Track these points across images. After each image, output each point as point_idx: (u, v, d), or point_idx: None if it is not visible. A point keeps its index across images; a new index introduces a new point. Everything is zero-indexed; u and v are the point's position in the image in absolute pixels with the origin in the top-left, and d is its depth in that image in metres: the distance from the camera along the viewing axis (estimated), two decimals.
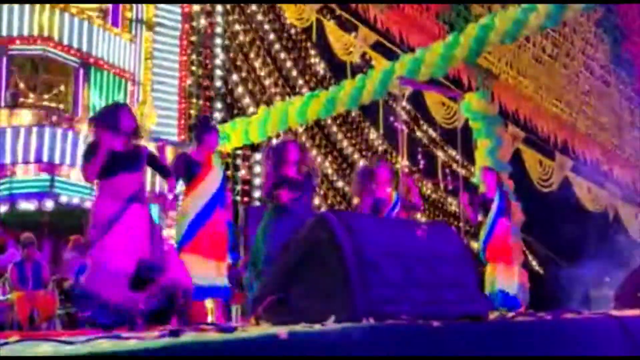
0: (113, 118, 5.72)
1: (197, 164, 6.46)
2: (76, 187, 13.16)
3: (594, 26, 13.23)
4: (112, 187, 5.62)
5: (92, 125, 5.87)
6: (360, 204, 8.37)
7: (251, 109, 19.35)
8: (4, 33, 14.81)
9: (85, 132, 13.44)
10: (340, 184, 21.74)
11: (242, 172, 19.59)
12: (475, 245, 12.34)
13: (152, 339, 3.05)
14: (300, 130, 19.55)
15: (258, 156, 19.01)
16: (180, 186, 6.78)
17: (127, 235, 5.51)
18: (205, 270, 6.22)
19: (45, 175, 13.04)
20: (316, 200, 20.80)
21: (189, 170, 6.45)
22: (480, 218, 8.97)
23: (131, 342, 2.90)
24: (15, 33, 14.84)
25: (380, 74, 12.21)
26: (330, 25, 16.09)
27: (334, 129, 22.03)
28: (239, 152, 19.23)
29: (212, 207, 6.35)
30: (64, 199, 12.92)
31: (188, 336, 3.03)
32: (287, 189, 6.60)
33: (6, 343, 2.98)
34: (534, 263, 21.13)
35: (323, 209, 18.84)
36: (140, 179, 5.79)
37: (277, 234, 6.32)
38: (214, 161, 6.54)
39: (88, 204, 13.03)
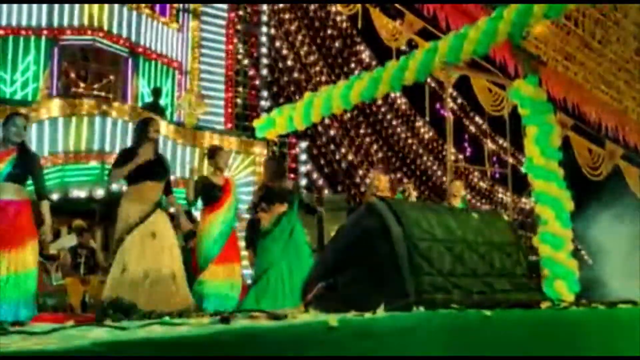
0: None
1: (216, 187, 7.20)
2: None
3: None
4: (138, 192, 6.10)
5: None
6: None
7: (297, 97, 19.35)
8: (56, 24, 15.09)
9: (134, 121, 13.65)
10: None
11: (287, 161, 19.63)
12: None
13: (203, 325, 3.08)
14: (347, 117, 19.56)
15: (304, 144, 19.03)
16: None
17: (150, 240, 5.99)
18: (232, 274, 7.17)
19: (96, 164, 13.26)
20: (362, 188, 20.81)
21: (207, 192, 7.21)
22: None
23: (183, 328, 2.94)
24: (66, 24, 15.10)
25: (423, 54, 12.03)
26: (376, 12, 15.99)
27: (379, 116, 21.97)
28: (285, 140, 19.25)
29: (231, 228, 7.22)
30: (114, 186, 13.10)
31: (239, 323, 3.06)
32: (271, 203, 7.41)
33: (63, 327, 3.04)
34: (583, 252, 20.80)
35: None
36: (161, 187, 6.30)
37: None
38: (231, 185, 7.24)
39: None
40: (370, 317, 3.08)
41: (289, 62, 20.36)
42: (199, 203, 7.45)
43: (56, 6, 15.08)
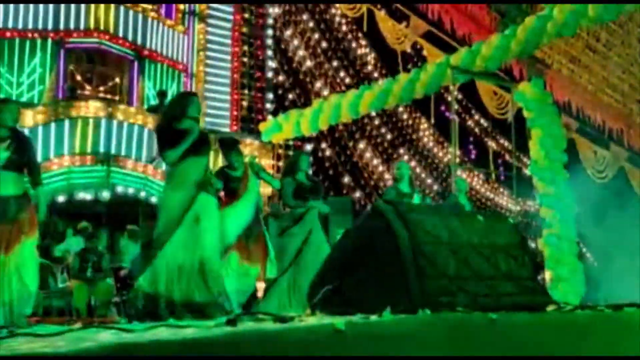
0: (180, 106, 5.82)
1: (235, 179, 6.99)
2: (132, 178, 13.36)
3: None
4: (181, 173, 5.62)
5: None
6: None
7: (302, 100, 19.35)
8: (62, 27, 15.12)
9: (140, 123, 13.71)
10: (388, 175, 21.61)
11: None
12: None
13: (209, 328, 3.09)
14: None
15: (309, 147, 19.02)
16: None
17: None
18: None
19: (101, 166, 13.26)
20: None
21: (227, 185, 6.98)
22: None
23: (189, 330, 2.95)
24: (72, 26, 15.14)
25: (434, 68, 12.06)
26: (381, 15, 16.01)
27: (384, 119, 21.94)
28: (290, 143, 19.22)
29: (251, 217, 6.96)
30: (120, 189, 13.13)
31: (245, 326, 3.07)
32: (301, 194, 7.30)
33: (70, 330, 3.06)
34: (588, 255, 20.76)
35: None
36: (205, 164, 5.79)
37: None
38: (249, 176, 7.01)
39: (143, 194, 13.24)
40: (376, 320, 3.09)
41: (295, 65, 20.33)
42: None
43: (62, 9, 15.11)
